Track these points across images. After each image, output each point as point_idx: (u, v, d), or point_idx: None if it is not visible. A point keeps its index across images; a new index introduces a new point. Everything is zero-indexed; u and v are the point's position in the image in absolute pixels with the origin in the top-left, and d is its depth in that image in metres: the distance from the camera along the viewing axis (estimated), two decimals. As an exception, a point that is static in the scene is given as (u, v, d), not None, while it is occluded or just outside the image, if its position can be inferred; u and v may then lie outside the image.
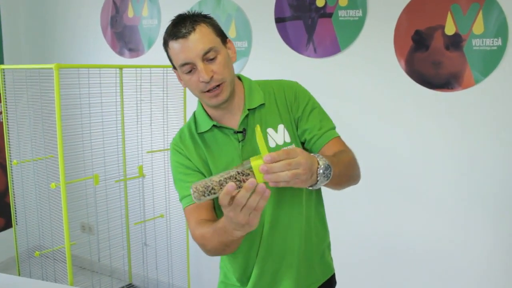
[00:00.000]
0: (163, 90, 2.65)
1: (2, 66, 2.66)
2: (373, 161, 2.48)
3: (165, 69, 2.67)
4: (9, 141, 2.77)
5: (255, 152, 1.27)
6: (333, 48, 2.47)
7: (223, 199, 0.92)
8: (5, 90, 2.72)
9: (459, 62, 2.22)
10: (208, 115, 1.32)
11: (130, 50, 3.11)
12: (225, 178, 0.94)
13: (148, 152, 2.69)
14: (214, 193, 0.95)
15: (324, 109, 1.39)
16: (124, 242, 2.72)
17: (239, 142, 1.29)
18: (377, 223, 2.56)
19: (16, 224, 2.94)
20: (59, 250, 2.48)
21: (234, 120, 1.31)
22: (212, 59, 1.20)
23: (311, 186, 1.05)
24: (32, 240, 2.90)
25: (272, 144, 1.29)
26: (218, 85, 1.22)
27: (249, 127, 1.30)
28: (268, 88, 1.35)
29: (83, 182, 2.43)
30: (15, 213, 2.89)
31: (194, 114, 1.38)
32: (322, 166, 1.02)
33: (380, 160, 2.48)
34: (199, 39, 1.18)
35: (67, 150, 2.27)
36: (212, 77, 1.19)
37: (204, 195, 0.95)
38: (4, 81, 2.70)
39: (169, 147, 2.70)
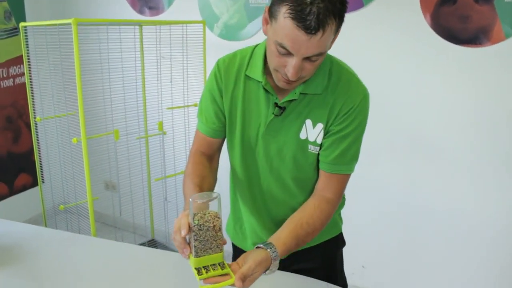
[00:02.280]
0: (183, 47, 2.63)
1: (23, 24, 2.67)
2: (395, 118, 2.44)
3: (184, 25, 2.63)
4: (32, 100, 2.81)
5: (279, 131, 1.24)
6: (355, 3, 2.40)
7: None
8: (27, 47, 2.74)
9: (488, 15, 2.13)
10: (264, 66, 1.22)
11: (150, 8, 3.08)
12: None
13: (168, 108, 2.68)
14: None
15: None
16: (146, 198, 2.76)
17: (273, 114, 1.22)
18: (398, 182, 2.55)
19: (43, 182, 3.02)
20: (83, 206, 2.54)
21: (282, 92, 1.22)
22: (312, 60, 1.08)
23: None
24: (58, 197, 2.97)
25: (302, 136, 1.23)
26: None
27: (290, 107, 1.21)
28: (338, 77, 1.21)
29: (105, 139, 2.46)
30: (41, 171, 2.96)
31: (254, 49, 1.27)
32: (270, 271, 1.09)
33: (402, 117, 2.44)
34: (318, 43, 1.03)
35: (89, 106, 2.29)
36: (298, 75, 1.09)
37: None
38: (26, 39, 2.72)
39: (188, 104, 2.73)
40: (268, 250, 1.08)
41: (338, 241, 1.51)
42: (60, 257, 1.52)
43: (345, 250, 1.97)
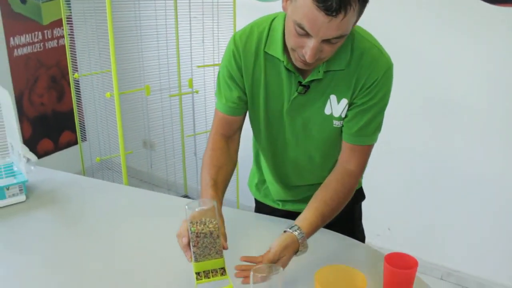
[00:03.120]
0: (213, 6, 2.68)
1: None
2: (424, 80, 2.43)
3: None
4: (74, 59, 2.95)
5: (303, 107, 1.22)
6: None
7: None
8: (69, 9, 2.86)
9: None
10: (284, 44, 1.16)
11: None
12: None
13: (198, 66, 2.77)
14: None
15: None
16: (176, 155, 2.87)
17: (297, 92, 1.20)
18: (425, 145, 2.56)
19: (85, 140, 3.19)
20: (119, 162, 2.68)
21: (305, 70, 1.17)
22: (331, 42, 1.02)
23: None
24: (97, 154, 3.14)
25: (327, 111, 1.21)
26: None
27: (314, 84, 1.19)
28: (361, 51, 1.15)
29: (139, 96, 2.57)
30: (83, 128, 3.13)
31: (271, 23, 1.20)
32: (300, 252, 1.12)
33: (432, 79, 2.43)
34: (339, 26, 0.97)
35: (123, 64, 2.40)
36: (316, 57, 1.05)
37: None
38: (68, 1, 2.84)
39: (219, 63, 2.80)
40: (294, 232, 1.11)
41: (358, 195, 1.52)
42: (93, 201, 1.66)
43: (371, 212, 2.01)
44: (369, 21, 1.27)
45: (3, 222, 1.49)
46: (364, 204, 1.59)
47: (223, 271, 1.04)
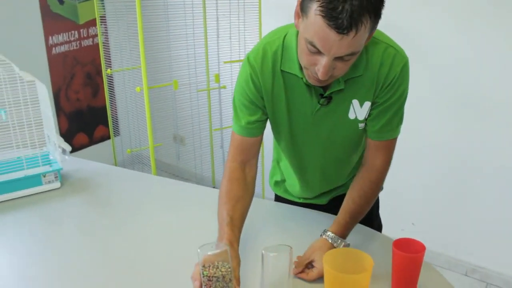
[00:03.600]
0: (239, 4, 2.75)
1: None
2: (454, 75, 2.43)
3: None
4: (108, 56, 3.08)
5: (327, 117, 1.23)
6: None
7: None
8: (103, 9, 2.99)
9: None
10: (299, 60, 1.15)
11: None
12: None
13: (225, 62, 2.85)
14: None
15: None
16: (203, 148, 2.95)
17: (320, 104, 1.20)
18: (448, 139, 2.56)
19: (115, 135, 3.32)
20: (149, 156, 2.79)
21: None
22: (344, 59, 1.02)
23: None
24: (129, 147, 3.25)
25: (351, 116, 1.22)
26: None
27: (336, 94, 1.19)
28: (375, 53, 1.15)
29: (169, 92, 2.66)
30: (117, 123, 3.26)
31: (283, 41, 1.18)
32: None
33: (461, 74, 2.43)
34: (350, 43, 0.97)
35: (152, 60, 2.49)
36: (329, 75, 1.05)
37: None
38: (102, 1, 2.96)
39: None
40: (323, 236, 1.20)
41: None
42: (123, 189, 1.75)
43: (395, 207, 2.03)
44: (397, 18, 1.27)
45: (39, 207, 1.60)
46: (388, 199, 1.58)
47: None
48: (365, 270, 0.97)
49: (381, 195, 1.54)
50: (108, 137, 3.85)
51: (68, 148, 1.79)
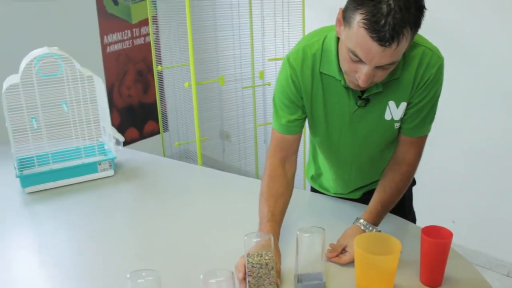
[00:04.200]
0: (283, 3, 2.84)
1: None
2: (488, 72, 2.43)
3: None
4: (157, 54, 3.23)
5: (364, 118, 1.27)
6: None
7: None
8: (155, 9, 3.15)
9: None
10: (338, 62, 1.19)
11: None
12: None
13: (270, 59, 2.94)
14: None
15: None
16: (247, 143, 3.05)
17: (357, 105, 1.25)
18: (490, 138, 2.55)
19: (164, 130, 3.47)
20: (196, 152, 2.91)
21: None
22: (384, 68, 1.07)
23: None
24: (176, 141, 3.40)
25: (387, 117, 1.26)
26: None
27: (373, 96, 1.23)
28: (412, 55, 1.18)
29: (216, 88, 2.78)
30: (163, 118, 3.41)
31: (323, 43, 1.22)
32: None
33: (495, 70, 2.42)
34: (392, 54, 1.02)
35: (200, 58, 2.60)
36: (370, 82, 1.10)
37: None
38: (154, 2, 3.12)
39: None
40: (356, 223, 1.27)
41: None
42: (171, 178, 1.87)
43: (435, 205, 2.05)
44: (444, 20, 1.29)
45: (94, 192, 1.74)
46: (429, 197, 1.61)
47: None
48: (393, 252, 1.04)
49: (422, 193, 1.59)
50: (157, 132, 4.02)
51: (122, 139, 1.92)
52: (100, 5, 3.45)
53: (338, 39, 1.17)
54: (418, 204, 1.69)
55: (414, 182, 1.62)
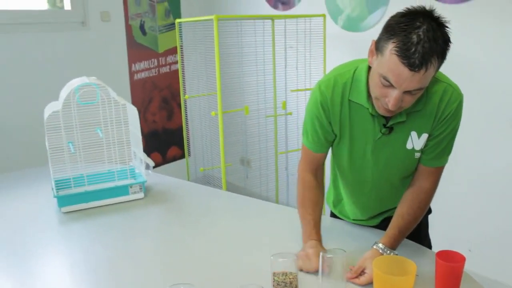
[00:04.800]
0: (305, 37, 2.97)
1: (178, 20, 3.23)
2: (505, 101, 2.50)
3: (308, 18, 2.97)
4: (184, 83, 3.37)
5: (387, 145, 1.37)
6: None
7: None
8: (182, 40, 3.30)
9: None
10: (367, 90, 1.31)
11: (282, 3, 3.46)
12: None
13: (292, 90, 3.05)
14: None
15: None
16: (269, 170, 3.16)
17: (381, 133, 1.35)
18: (506, 166, 2.60)
19: (189, 155, 3.58)
20: (219, 176, 3.02)
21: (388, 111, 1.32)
22: (412, 93, 1.18)
23: None
24: (200, 167, 3.51)
25: (409, 146, 1.36)
26: None
27: (397, 125, 1.34)
28: (435, 91, 1.30)
29: (239, 117, 2.90)
30: (188, 144, 3.53)
31: (354, 73, 1.35)
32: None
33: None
34: (420, 79, 1.13)
35: (226, 88, 2.73)
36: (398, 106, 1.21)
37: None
38: (181, 32, 3.28)
39: (310, 87, 3.07)
40: (374, 247, 1.34)
41: None
42: (197, 201, 1.98)
43: (451, 233, 2.07)
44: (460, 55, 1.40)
45: (126, 213, 1.84)
46: (445, 226, 1.66)
47: None
48: (409, 273, 1.12)
49: (439, 222, 1.63)
50: (179, 157, 4.15)
51: (152, 163, 2.04)
52: (129, 35, 3.62)
53: (368, 69, 1.30)
54: (435, 232, 1.76)
55: (430, 211, 1.69)
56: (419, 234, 1.61)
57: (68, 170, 1.90)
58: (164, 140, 4.06)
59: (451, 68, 1.54)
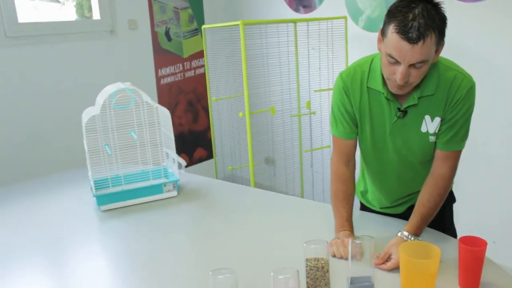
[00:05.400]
0: (328, 39, 3.05)
1: (204, 26, 3.34)
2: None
3: (330, 21, 3.06)
4: (210, 86, 3.49)
5: (403, 128, 1.47)
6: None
7: None
8: (206, 45, 3.41)
9: None
10: (383, 77, 1.44)
11: (304, 6, 3.55)
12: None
13: (315, 90, 3.13)
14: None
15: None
16: (294, 168, 3.24)
17: (397, 116, 1.47)
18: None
19: (212, 157, 3.68)
20: (246, 175, 3.11)
21: (402, 98, 1.45)
22: (416, 67, 1.30)
23: None
24: (227, 166, 3.61)
25: (423, 129, 1.47)
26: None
27: (410, 109, 1.45)
28: (446, 77, 1.41)
29: (264, 116, 2.98)
30: (215, 145, 3.63)
31: (371, 63, 1.49)
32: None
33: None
34: (420, 51, 1.25)
35: (252, 89, 2.82)
36: (406, 81, 1.32)
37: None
38: (206, 38, 3.39)
39: (333, 87, 3.13)
40: (399, 234, 1.43)
41: (448, 197, 1.69)
42: (227, 198, 2.08)
43: (475, 225, 2.12)
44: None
45: (161, 210, 1.94)
46: (470, 218, 1.72)
47: None
48: (433, 257, 1.19)
49: (464, 214, 1.67)
50: (205, 158, 4.26)
51: (184, 163, 2.14)
52: (155, 41, 3.75)
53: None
54: (459, 224, 1.81)
55: (454, 199, 1.77)
56: (443, 223, 1.68)
57: (105, 171, 2.01)
58: (191, 142, 4.17)
59: (471, 63, 1.60)
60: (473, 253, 1.24)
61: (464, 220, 2.64)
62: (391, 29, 1.27)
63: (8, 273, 1.50)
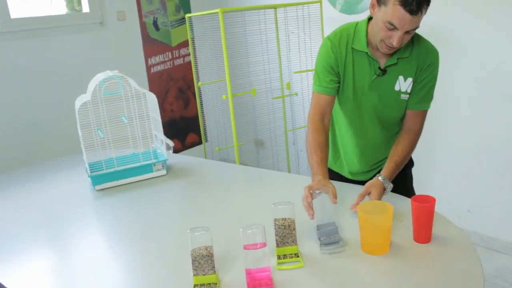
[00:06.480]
0: (304, 23, 3.19)
1: (188, 15, 3.47)
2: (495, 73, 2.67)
3: (306, 5, 3.20)
4: (196, 72, 3.62)
5: (379, 86, 1.68)
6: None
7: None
8: (192, 32, 3.55)
9: None
10: (367, 39, 1.65)
11: (285, -9, 3.67)
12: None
13: (295, 72, 3.28)
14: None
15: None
16: (279, 146, 3.39)
17: (376, 75, 1.67)
18: (505, 128, 2.75)
19: (206, 140, 3.83)
20: (232, 160, 3.26)
21: (382, 57, 1.66)
22: (409, 32, 1.51)
23: None
24: (216, 148, 3.77)
25: (396, 88, 1.69)
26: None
27: (389, 68, 1.66)
28: (420, 45, 1.65)
29: (249, 100, 3.13)
30: (204, 129, 3.78)
31: (356, 27, 1.69)
32: (388, 188, 1.62)
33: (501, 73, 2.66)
34: (416, 21, 1.47)
35: (235, 73, 2.96)
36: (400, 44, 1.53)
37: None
38: (191, 26, 3.52)
39: (312, 69, 3.29)
40: (377, 177, 1.62)
41: (409, 162, 1.91)
42: (214, 176, 2.22)
43: (450, 195, 2.25)
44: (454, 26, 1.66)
45: (151, 188, 2.09)
46: (445, 188, 1.88)
47: (296, 255, 1.36)
48: (387, 213, 1.35)
49: (440, 184, 1.79)
50: (198, 143, 4.41)
51: (172, 144, 2.29)
52: (144, 31, 3.88)
53: (368, 21, 1.65)
54: (436, 194, 1.96)
55: (412, 164, 1.96)
56: (405, 187, 1.86)
57: (99, 154, 2.16)
58: (182, 128, 4.32)
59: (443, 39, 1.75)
60: (423, 208, 1.39)
61: (440, 190, 2.82)
62: (394, 1, 1.45)
63: (12, 248, 1.66)
